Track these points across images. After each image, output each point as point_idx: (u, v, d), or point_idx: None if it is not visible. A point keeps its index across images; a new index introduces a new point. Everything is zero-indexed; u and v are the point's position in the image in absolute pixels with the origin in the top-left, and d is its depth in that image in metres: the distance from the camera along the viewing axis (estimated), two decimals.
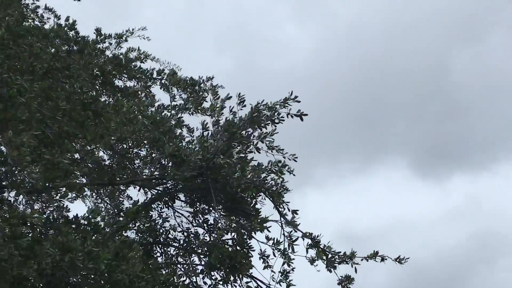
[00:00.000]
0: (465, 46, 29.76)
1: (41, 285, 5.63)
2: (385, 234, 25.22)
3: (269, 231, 7.43)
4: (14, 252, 5.21)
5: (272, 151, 7.36)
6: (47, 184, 5.97)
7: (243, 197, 7.23)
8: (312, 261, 7.49)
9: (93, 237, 6.09)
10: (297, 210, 7.41)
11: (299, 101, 7.16)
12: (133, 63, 9.00)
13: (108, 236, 6.33)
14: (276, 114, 7.15)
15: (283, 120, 7.19)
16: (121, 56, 8.90)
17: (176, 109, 8.42)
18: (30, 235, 5.61)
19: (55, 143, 6.50)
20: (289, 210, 7.40)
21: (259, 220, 7.23)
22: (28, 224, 5.60)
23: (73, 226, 6.31)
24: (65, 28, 8.52)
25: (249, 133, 7.25)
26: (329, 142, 26.43)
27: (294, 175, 7.38)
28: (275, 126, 7.19)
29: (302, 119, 7.15)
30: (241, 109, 7.30)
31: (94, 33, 8.99)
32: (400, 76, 28.46)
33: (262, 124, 7.17)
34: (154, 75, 9.14)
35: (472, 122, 29.11)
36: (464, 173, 30.64)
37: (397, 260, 7.40)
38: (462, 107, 29.18)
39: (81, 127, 6.54)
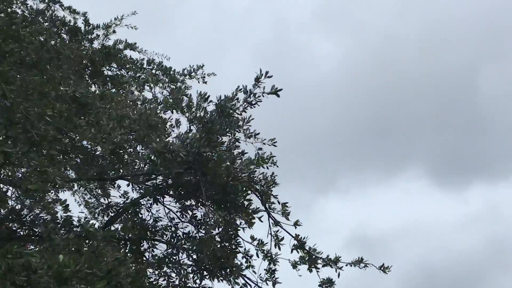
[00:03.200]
0: (492, 60, 29.93)
1: None
2: (402, 238, 25.96)
3: (261, 221, 7.43)
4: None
5: (250, 139, 7.27)
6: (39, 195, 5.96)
7: (232, 189, 7.21)
8: (294, 265, 7.56)
9: (87, 248, 6.09)
10: (287, 203, 7.39)
11: (270, 76, 6.85)
12: (122, 53, 8.94)
13: (102, 248, 6.29)
14: (251, 95, 6.96)
15: (260, 101, 6.97)
16: (110, 46, 8.80)
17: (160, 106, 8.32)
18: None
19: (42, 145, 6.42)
20: (278, 203, 7.38)
21: (250, 211, 7.26)
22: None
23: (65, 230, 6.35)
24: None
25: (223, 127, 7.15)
26: (354, 151, 27.36)
27: (277, 166, 7.33)
28: (253, 107, 7.03)
29: (278, 95, 6.85)
30: (208, 105, 7.20)
31: (82, 23, 8.89)
32: (427, 88, 28.98)
33: (234, 116, 7.05)
34: (144, 65, 9.08)
35: (493, 134, 29.63)
36: (483, 182, 31.56)
37: (381, 268, 7.49)
38: (486, 120, 29.71)
39: (74, 128, 6.49)
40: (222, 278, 7.61)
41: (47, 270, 5.40)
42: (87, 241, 6.54)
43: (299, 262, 7.45)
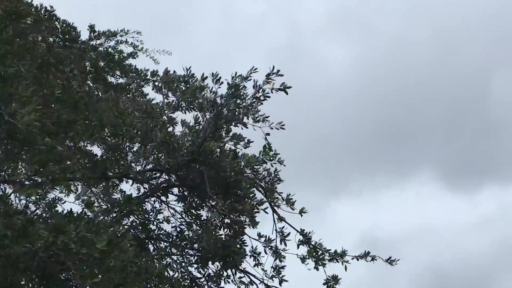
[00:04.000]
0: (505, 64, 30.40)
1: (33, 265, 5.51)
2: (413, 240, 25.99)
3: (266, 212, 7.40)
4: (6, 232, 5.12)
5: (258, 123, 7.23)
6: (39, 169, 5.90)
7: (236, 181, 7.16)
8: (303, 259, 7.46)
9: (86, 225, 6.01)
10: (290, 194, 7.36)
11: (282, 75, 6.93)
12: (126, 61, 9.00)
13: (102, 226, 6.24)
14: (260, 90, 7.00)
15: (268, 97, 7.02)
16: (112, 51, 8.86)
17: (170, 106, 8.35)
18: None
19: (52, 132, 6.42)
20: (283, 199, 7.35)
21: (254, 203, 7.18)
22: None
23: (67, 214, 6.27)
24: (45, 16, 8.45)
25: (232, 110, 7.14)
26: (367, 155, 27.48)
27: (284, 165, 7.35)
28: (262, 103, 7.08)
29: (286, 93, 6.91)
30: (219, 87, 7.18)
31: (88, 29, 8.96)
32: (439, 91, 29.20)
33: (243, 99, 7.05)
34: (148, 76, 9.10)
35: (505, 138, 29.75)
36: (494, 185, 31.37)
37: (388, 261, 7.39)
38: (497, 123, 29.91)
39: (83, 119, 6.48)
40: (226, 277, 7.49)
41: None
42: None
43: (307, 256, 7.34)
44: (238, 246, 7.30)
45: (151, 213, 7.87)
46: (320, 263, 7.41)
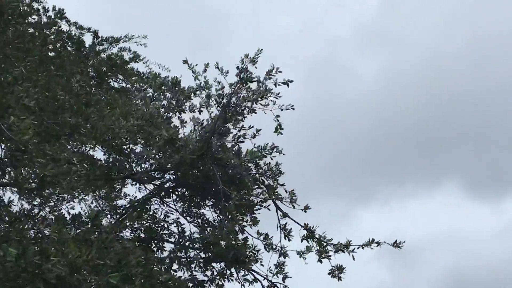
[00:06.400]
0: None
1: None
2: (436, 247, 26.17)
3: (269, 209, 7.46)
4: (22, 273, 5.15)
5: (267, 106, 7.42)
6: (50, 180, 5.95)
7: (241, 179, 7.23)
8: (300, 254, 7.49)
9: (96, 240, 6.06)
10: (293, 190, 7.42)
11: (281, 71, 7.28)
12: (128, 65, 9.07)
13: (110, 240, 6.26)
14: (263, 86, 7.28)
15: (271, 91, 7.31)
16: (114, 56, 8.94)
17: (162, 109, 8.37)
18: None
19: (55, 136, 6.50)
20: (286, 191, 7.41)
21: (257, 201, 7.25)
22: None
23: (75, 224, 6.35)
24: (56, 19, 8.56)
25: (241, 97, 7.32)
26: (395, 164, 28.10)
27: (283, 154, 7.40)
28: (266, 99, 7.28)
29: (288, 85, 7.29)
30: (226, 76, 7.42)
31: (91, 35, 9.06)
32: (472, 103, 29.59)
33: (251, 83, 7.27)
34: (149, 78, 9.16)
35: None
36: None
37: (394, 244, 7.40)
38: None
39: (86, 121, 6.57)
40: (229, 274, 7.52)
41: (60, 257, 5.37)
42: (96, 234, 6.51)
43: (306, 252, 7.38)
44: (250, 251, 7.34)
45: (157, 215, 7.89)
46: (324, 256, 7.43)
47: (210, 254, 7.36)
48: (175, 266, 7.49)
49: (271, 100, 7.30)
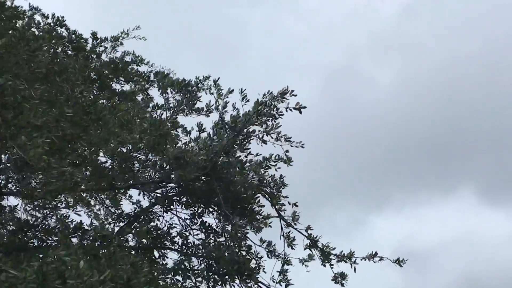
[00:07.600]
0: None
1: None
2: (449, 252, 26.50)
3: (271, 226, 7.56)
4: None
5: (279, 141, 7.39)
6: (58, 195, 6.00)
7: (245, 197, 7.29)
8: (302, 262, 7.61)
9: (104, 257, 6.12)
10: (297, 203, 7.51)
11: (295, 95, 7.04)
12: (129, 66, 9.04)
13: (118, 253, 6.31)
14: (275, 109, 7.12)
15: (282, 114, 7.15)
16: (117, 60, 8.91)
17: (171, 111, 8.40)
18: None
19: (60, 148, 6.51)
20: (289, 203, 7.50)
21: (261, 218, 7.32)
22: None
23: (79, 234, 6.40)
24: (55, 26, 8.51)
25: (251, 129, 7.28)
26: (410, 171, 28.59)
27: (291, 165, 7.46)
28: (275, 121, 7.22)
29: (300, 112, 6.98)
30: (245, 105, 7.29)
31: (90, 37, 9.00)
32: (485, 109, 29.82)
33: (265, 118, 7.17)
34: (151, 78, 9.16)
35: None
36: None
37: (397, 262, 7.50)
38: None
39: (84, 131, 6.57)
40: (238, 282, 7.61)
41: (75, 279, 5.43)
42: (103, 250, 6.58)
43: (308, 259, 7.50)
44: (253, 264, 7.44)
45: (160, 222, 7.96)
46: (327, 260, 7.55)
47: (214, 266, 7.44)
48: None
49: (280, 137, 7.26)
